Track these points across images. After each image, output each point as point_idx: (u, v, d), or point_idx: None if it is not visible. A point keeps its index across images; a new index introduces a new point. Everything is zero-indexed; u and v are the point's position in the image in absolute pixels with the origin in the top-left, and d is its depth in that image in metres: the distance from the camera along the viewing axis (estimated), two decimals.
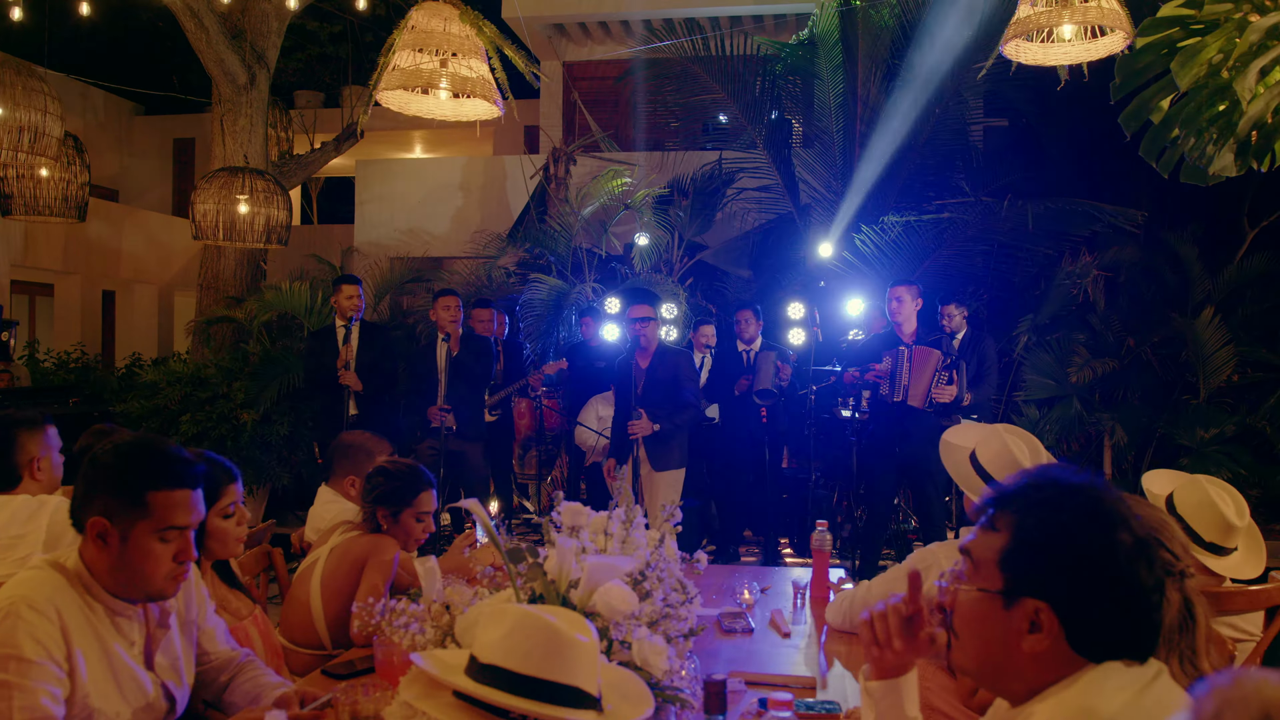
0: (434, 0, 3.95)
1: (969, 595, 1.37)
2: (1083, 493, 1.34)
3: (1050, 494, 1.35)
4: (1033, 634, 1.31)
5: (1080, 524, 1.31)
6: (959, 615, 1.39)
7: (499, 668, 1.50)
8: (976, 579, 1.37)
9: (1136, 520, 1.31)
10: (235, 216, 7.35)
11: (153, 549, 1.86)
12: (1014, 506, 1.37)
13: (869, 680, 1.56)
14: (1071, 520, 1.31)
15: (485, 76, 4.12)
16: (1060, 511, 1.32)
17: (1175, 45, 3.15)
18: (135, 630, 1.92)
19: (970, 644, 1.38)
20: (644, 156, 10.91)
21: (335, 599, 2.78)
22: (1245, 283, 8.20)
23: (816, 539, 3.18)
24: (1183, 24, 3.11)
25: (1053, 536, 1.31)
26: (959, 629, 1.39)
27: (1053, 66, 4.23)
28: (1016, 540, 1.34)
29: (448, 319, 5.93)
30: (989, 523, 1.38)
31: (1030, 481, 1.38)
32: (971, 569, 1.38)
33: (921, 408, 5.41)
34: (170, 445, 1.92)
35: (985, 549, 1.37)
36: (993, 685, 1.38)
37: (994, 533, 1.37)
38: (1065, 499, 1.33)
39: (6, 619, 1.74)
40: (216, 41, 9.56)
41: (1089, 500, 1.33)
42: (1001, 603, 1.33)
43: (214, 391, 8.42)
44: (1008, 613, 1.33)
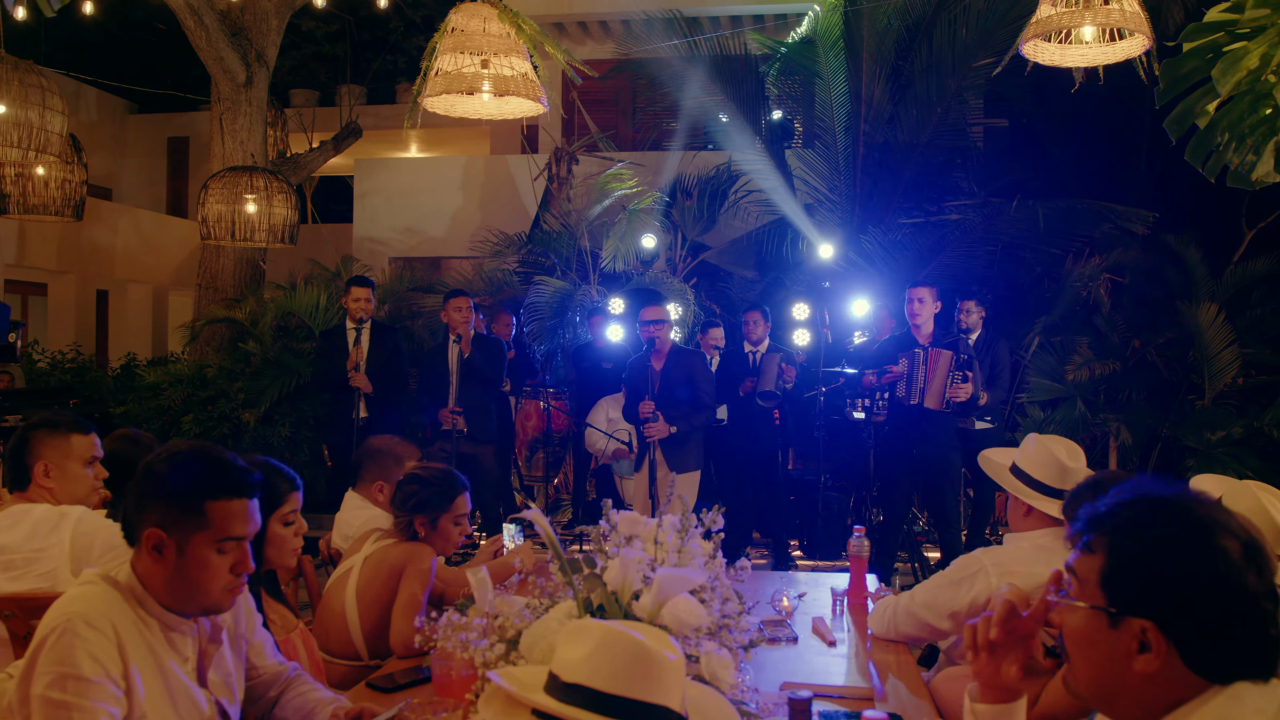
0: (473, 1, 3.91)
1: (1076, 614, 1.34)
2: (1174, 505, 1.31)
3: (1140, 510, 1.32)
4: (1142, 654, 1.27)
5: (1175, 537, 1.27)
6: (1069, 635, 1.36)
7: (584, 687, 1.45)
8: (1083, 597, 1.34)
9: (1237, 525, 1.27)
10: (244, 216, 7.29)
11: (210, 560, 1.80)
12: (1106, 527, 1.34)
13: (977, 703, 1.52)
14: (1165, 534, 1.28)
15: (527, 74, 4.09)
16: (1152, 526, 1.29)
17: (1220, 50, 3.13)
18: (189, 646, 1.87)
19: (1081, 666, 1.34)
20: (645, 156, 10.86)
21: (372, 609, 2.73)
22: (1250, 284, 8.21)
23: (854, 545, 3.15)
24: (1227, 29, 3.08)
25: (1148, 553, 1.28)
26: (1070, 650, 1.36)
27: (1056, 68, 4.22)
28: (1112, 561, 1.31)
29: (459, 320, 5.87)
30: (1086, 545, 1.35)
31: (1120, 500, 1.35)
32: (1077, 587, 1.35)
33: (939, 409, 5.38)
34: (227, 453, 1.87)
35: (1087, 569, 1.34)
36: (1109, 710, 1.34)
37: (1091, 554, 1.34)
38: (1156, 514, 1.31)
39: (64, 636, 1.68)
40: (216, 39, 9.48)
41: (1181, 512, 1.29)
42: (1107, 622, 1.30)
43: (215, 391, 8.36)
44: (1115, 632, 1.29)
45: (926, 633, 2.70)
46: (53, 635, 1.68)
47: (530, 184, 11.83)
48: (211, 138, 10.16)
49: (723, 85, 9.49)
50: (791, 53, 9.77)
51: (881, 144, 9.15)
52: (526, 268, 9.51)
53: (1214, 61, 3.12)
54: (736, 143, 10.04)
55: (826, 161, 9.57)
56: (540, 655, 1.76)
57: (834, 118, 9.35)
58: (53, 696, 1.63)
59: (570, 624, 1.60)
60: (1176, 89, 3.29)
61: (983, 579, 2.60)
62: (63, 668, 1.65)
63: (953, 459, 5.60)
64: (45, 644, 1.68)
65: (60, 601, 1.76)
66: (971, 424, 6.19)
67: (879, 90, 9.00)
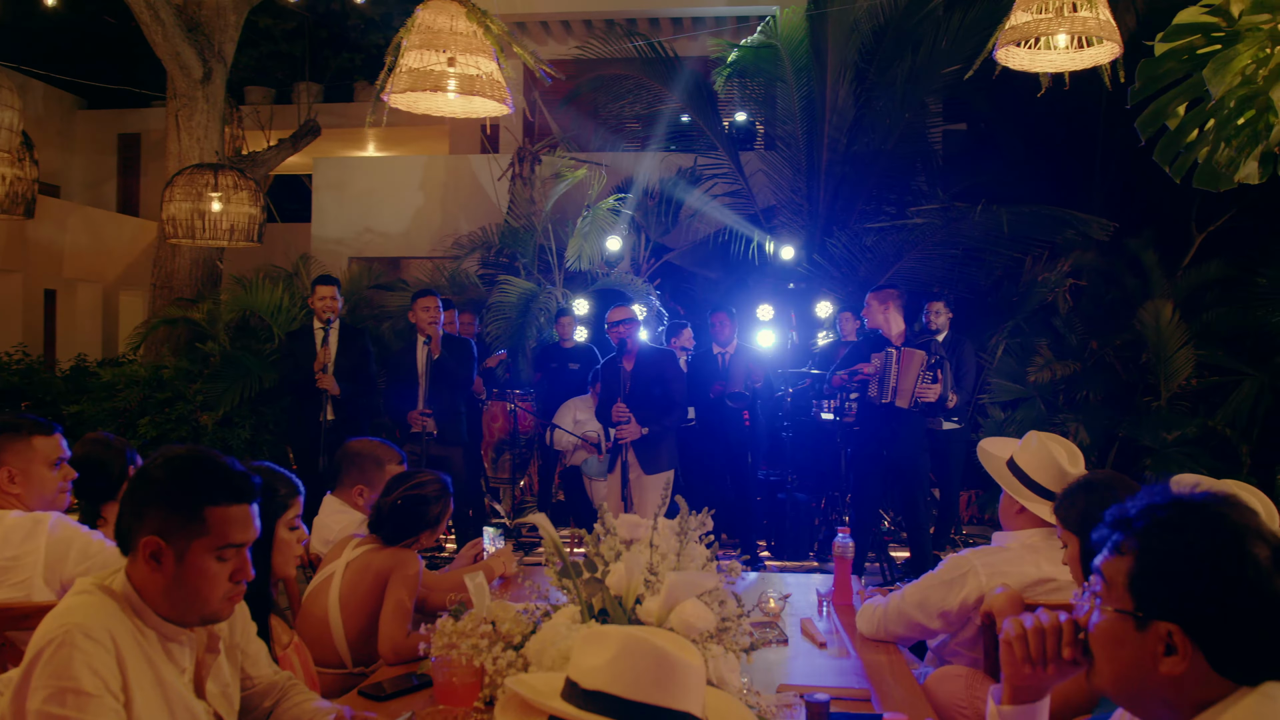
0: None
1: (1104, 616, 1.35)
2: (1205, 510, 1.32)
3: (1172, 515, 1.33)
4: (1168, 656, 1.28)
5: (1206, 542, 1.28)
6: (1095, 636, 1.37)
7: (606, 694, 1.43)
8: (1111, 599, 1.35)
9: (1266, 530, 1.29)
10: (208, 215, 7.14)
11: (209, 568, 1.75)
12: (1136, 530, 1.35)
13: (1004, 705, 1.53)
14: (1196, 540, 1.29)
15: (493, 75, 4.05)
16: (1183, 532, 1.30)
17: (1195, 52, 3.18)
18: (187, 657, 1.82)
19: (1106, 666, 1.36)
20: (608, 157, 10.84)
21: (356, 615, 2.68)
22: (1203, 287, 8.40)
23: (839, 546, 3.16)
24: (1205, 31, 3.14)
25: (1178, 558, 1.29)
26: (1095, 650, 1.37)
27: (1011, 73, 4.29)
28: (1142, 564, 1.32)
29: (428, 320, 5.80)
30: (1115, 547, 1.36)
31: (1151, 503, 1.36)
32: (1105, 590, 1.36)
33: (908, 408, 5.43)
34: (225, 458, 1.81)
35: (1115, 571, 1.36)
36: (1132, 708, 1.36)
37: (1120, 556, 1.35)
38: (1187, 519, 1.32)
39: (61, 649, 1.62)
40: (173, 35, 9.31)
41: (1213, 517, 1.30)
42: (1134, 624, 1.31)
43: (173, 393, 8.20)
44: (1142, 635, 1.31)
45: (917, 632, 2.71)
46: (50, 648, 1.62)
47: (492, 184, 11.75)
48: (167, 135, 9.97)
49: (684, 87, 9.51)
50: (754, 56, 9.80)
51: (846, 148, 9.22)
52: (490, 268, 9.44)
53: (1190, 63, 3.18)
54: (700, 144, 10.07)
55: (789, 164, 9.62)
56: (550, 661, 1.74)
57: (796, 121, 9.41)
58: (51, 711, 1.57)
59: (587, 630, 1.58)
60: (1151, 89, 3.35)
61: (973, 579, 2.62)
62: (61, 681, 1.60)
63: (922, 459, 5.65)
64: (41, 657, 1.62)
65: (56, 612, 1.70)
66: (938, 424, 6.26)
67: (843, 94, 9.07)
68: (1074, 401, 8.18)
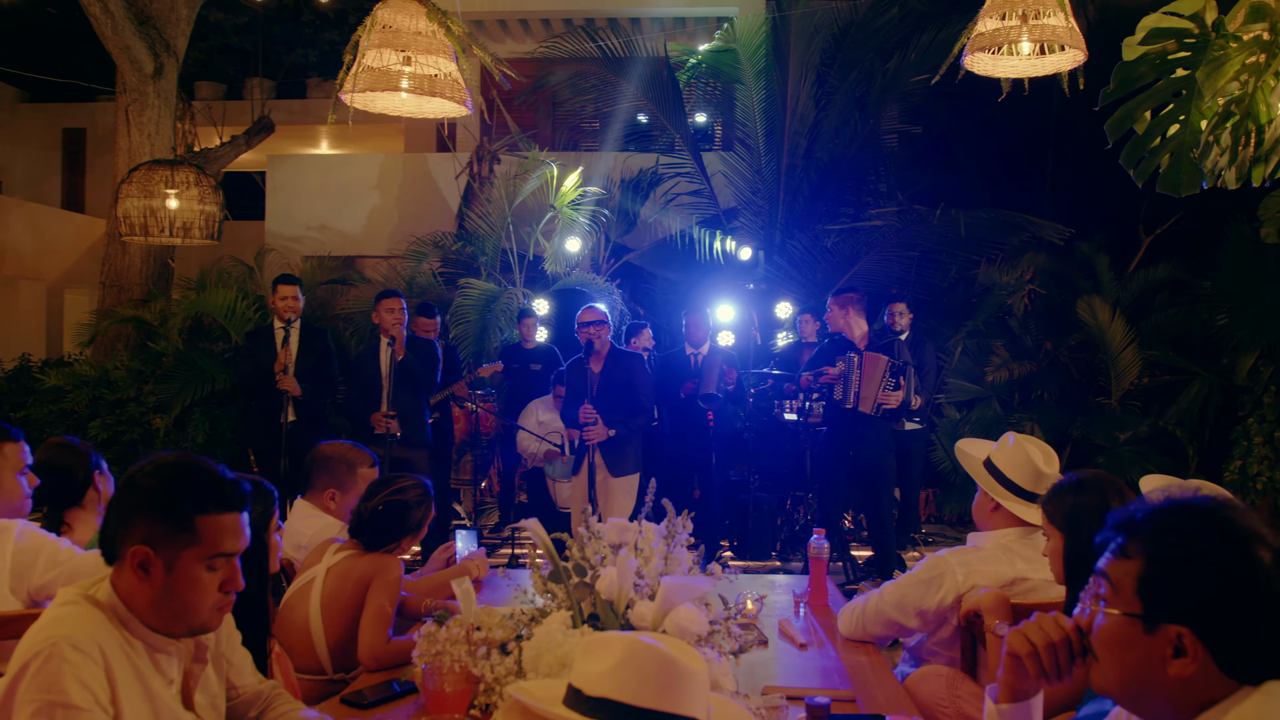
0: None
1: (1110, 619, 1.37)
2: (1212, 514, 1.34)
3: (1181, 518, 1.35)
4: (1177, 659, 1.30)
5: (1214, 546, 1.30)
6: (1099, 638, 1.38)
7: (611, 700, 1.43)
8: (1117, 602, 1.36)
9: (1270, 533, 1.31)
10: (163, 212, 6.99)
11: (200, 578, 1.71)
12: (1144, 533, 1.36)
13: (1000, 704, 1.55)
14: (1205, 544, 1.31)
15: (452, 75, 4.02)
16: (1193, 536, 1.32)
17: (1168, 58, 3.25)
18: (174, 668, 1.77)
19: (1111, 667, 1.37)
20: (566, 157, 10.82)
21: (337, 621, 2.65)
22: (1152, 289, 8.59)
23: (814, 548, 3.18)
24: (1179, 36, 3.20)
25: (1188, 562, 1.31)
26: (1099, 651, 1.38)
27: (974, 76, 4.36)
28: (1151, 567, 1.33)
29: (391, 321, 5.74)
30: (1120, 549, 1.38)
31: (1159, 506, 1.37)
32: (1111, 592, 1.38)
33: (870, 414, 5.47)
34: (216, 465, 1.78)
35: (1122, 574, 1.37)
36: (1136, 708, 1.37)
37: (1127, 559, 1.37)
38: (1196, 522, 1.33)
39: (49, 661, 1.57)
40: (123, 28, 9.11)
41: (1220, 521, 1.32)
42: (1142, 627, 1.33)
43: (124, 395, 8.03)
44: (1150, 637, 1.32)
45: (895, 631, 2.74)
46: (37, 660, 1.57)
47: (451, 183, 11.66)
48: (117, 131, 9.75)
49: (646, 87, 9.51)
50: (715, 59, 9.85)
51: (806, 150, 9.29)
52: (449, 268, 9.36)
53: (1163, 67, 3.25)
54: (660, 144, 10.08)
55: (749, 166, 9.67)
56: (547, 668, 1.73)
57: (756, 123, 9.46)
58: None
59: (588, 637, 1.57)
60: (1125, 90, 3.41)
61: (950, 579, 2.65)
62: (50, 695, 1.55)
63: (888, 460, 5.71)
64: (28, 670, 1.57)
65: (41, 624, 1.65)
66: (901, 424, 6.33)
67: (804, 97, 9.14)
68: (1029, 401, 8.33)
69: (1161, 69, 3.28)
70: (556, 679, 1.68)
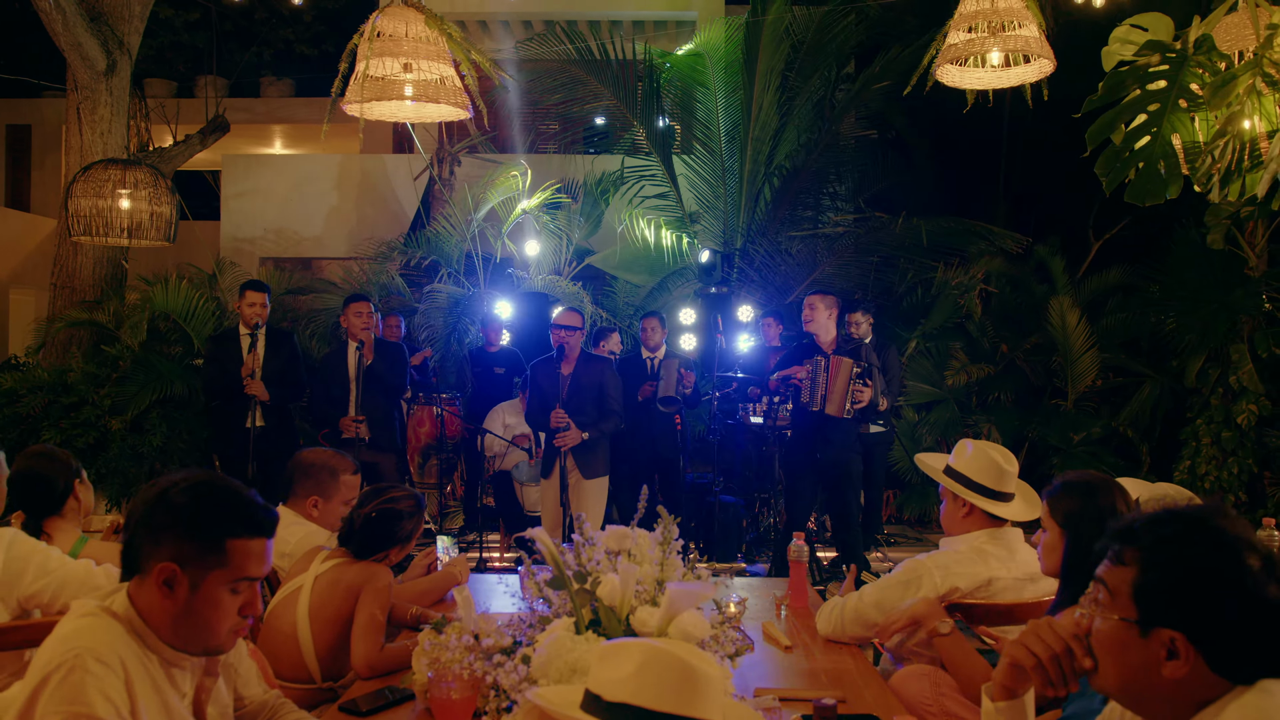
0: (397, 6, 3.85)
1: (1107, 623, 1.44)
2: (1203, 524, 1.41)
3: (1174, 529, 1.42)
4: (1171, 661, 1.37)
5: (1205, 555, 1.38)
6: (1098, 641, 1.45)
7: (631, 705, 1.46)
8: (1114, 608, 1.43)
9: (1257, 541, 1.39)
10: (116, 213, 6.88)
11: (223, 600, 1.72)
12: (1139, 542, 1.43)
13: (995, 701, 1.61)
14: (1196, 553, 1.39)
15: (450, 79, 4.05)
16: (1186, 545, 1.40)
17: (1148, 71, 3.36)
18: (187, 681, 1.78)
19: (1110, 669, 1.44)
20: (529, 159, 10.82)
21: (326, 630, 2.65)
22: (1105, 293, 8.80)
23: (794, 551, 3.24)
24: (1161, 50, 3.31)
25: (1181, 569, 1.39)
26: (1099, 654, 1.46)
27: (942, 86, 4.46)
28: (1146, 575, 1.41)
29: (360, 325, 5.71)
30: (1118, 557, 1.45)
31: (1155, 516, 1.45)
32: (1109, 597, 1.44)
33: (840, 415, 5.56)
34: (244, 488, 1.78)
35: (1118, 581, 1.44)
36: (1136, 707, 1.45)
37: (1123, 567, 1.44)
38: (1189, 533, 1.41)
39: (73, 673, 1.57)
40: (74, 24, 8.94)
41: (1211, 531, 1.40)
42: (1138, 632, 1.40)
43: (79, 398, 7.89)
44: (1145, 641, 1.39)
45: (875, 632, 2.81)
46: (59, 672, 1.57)
47: (409, 185, 11.61)
48: (68, 129, 9.57)
49: (616, 90, 9.54)
50: (678, 63, 9.90)
51: (769, 156, 9.38)
52: (411, 271, 9.32)
53: (1144, 80, 3.36)
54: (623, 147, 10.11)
55: (712, 170, 9.74)
56: (557, 673, 1.76)
57: (719, 128, 9.54)
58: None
59: (605, 644, 1.60)
60: (1110, 97, 3.52)
61: (928, 580, 2.74)
62: (75, 707, 1.55)
63: (853, 461, 5.80)
64: (50, 681, 1.57)
65: (61, 635, 1.64)
66: (866, 428, 6.43)
67: (767, 103, 9.23)
68: (986, 403, 8.50)
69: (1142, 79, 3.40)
70: (567, 684, 1.71)
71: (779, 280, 8.93)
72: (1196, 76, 3.17)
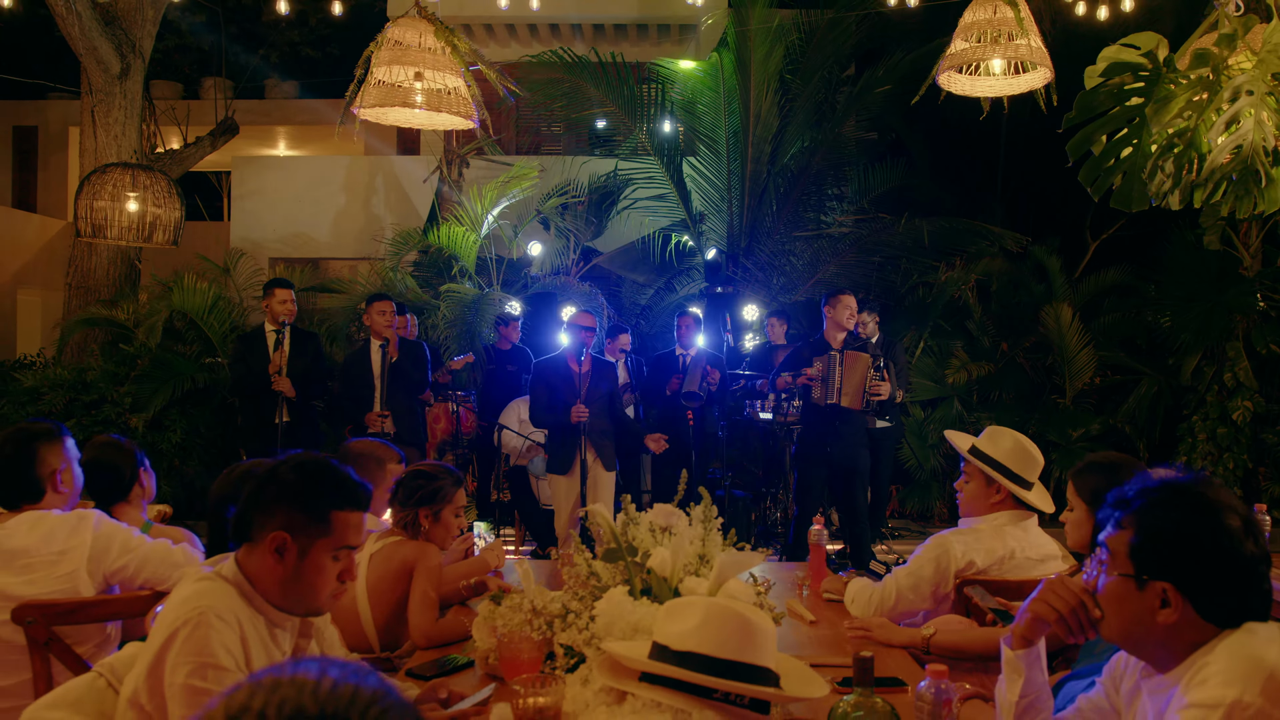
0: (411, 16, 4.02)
1: (1111, 580, 1.64)
2: (1189, 491, 1.64)
3: (1164, 495, 1.65)
4: (1164, 609, 1.60)
5: (1190, 516, 1.61)
6: (1103, 596, 1.68)
7: (697, 654, 1.65)
8: (1114, 567, 1.65)
9: (1238, 503, 1.60)
10: (127, 214, 7.04)
11: (326, 566, 1.90)
12: (1134, 507, 1.66)
13: (1015, 649, 1.80)
14: (1183, 515, 1.62)
15: (459, 90, 4.22)
16: (1173, 509, 1.63)
17: (1124, 88, 3.57)
18: (287, 641, 1.96)
19: (1114, 620, 1.67)
20: (536, 161, 10.99)
21: (383, 604, 2.83)
22: (1103, 292, 9.00)
23: (814, 535, 3.43)
24: (1134, 70, 3.52)
25: (1169, 529, 1.61)
26: (1105, 608, 1.69)
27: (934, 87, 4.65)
28: (1140, 536, 1.64)
29: (383, 324, 5.90)
30: (1116, 523, 1.66)
31: (1145, 486, 1.67)
32: (1110, 558, 1.65)
33: (859, 408, 5.76)
34: (345, 468, 1.97)
35: (1117, 543, 1.67)
36: (1137, 651, 1.68)
37: (1122, 530, 1.66)
38: (1176, 498, 1.64)
39: (199, 629, 1.75)
40: (90, 28, 9.11)
41: (1195, 496, 1.63)
42: (1135, 585, 1.62)
43: (99, 395, 8.06)
44: (1141, 593, 1.62)
45: (911, 612, 2.97)
46: (185, 628, 1.75)
47: (417, 185, 11.77)
48: (82, 131, 9.75)
49: (614, 96, 9.72)
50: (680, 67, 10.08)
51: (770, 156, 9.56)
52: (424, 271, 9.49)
53: (1120, 97, 3.57)
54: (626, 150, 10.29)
55: (715, 172, 9.92)
56: (620, 633, 1.94)
57: (722, 130, 9.72)
58: (195, 684, 1.71)
59: (669, 602, 1.79)
60: (1083, 115, 3.72)
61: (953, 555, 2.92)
62: (202, 657, 1.73)
63: (863, 455, 5.99)
64: (178, 636, 1.75)
65: (184, 596, 1.82)
66: (873, 423, 6.61)
67: (767, 105, 9.41)
68: (987, 401, 8.69)
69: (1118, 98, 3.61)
70: (630, 641, 1.90)
71: (783, 280, 9.11)
72: (1170, 93, 3.38)
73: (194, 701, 1.70)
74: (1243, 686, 1.48)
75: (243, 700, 0.76)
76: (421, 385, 6.16)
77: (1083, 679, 2.11)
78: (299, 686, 0.76)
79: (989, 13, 4.06)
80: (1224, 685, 1.50)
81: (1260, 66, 3.36)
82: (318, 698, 0.75)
